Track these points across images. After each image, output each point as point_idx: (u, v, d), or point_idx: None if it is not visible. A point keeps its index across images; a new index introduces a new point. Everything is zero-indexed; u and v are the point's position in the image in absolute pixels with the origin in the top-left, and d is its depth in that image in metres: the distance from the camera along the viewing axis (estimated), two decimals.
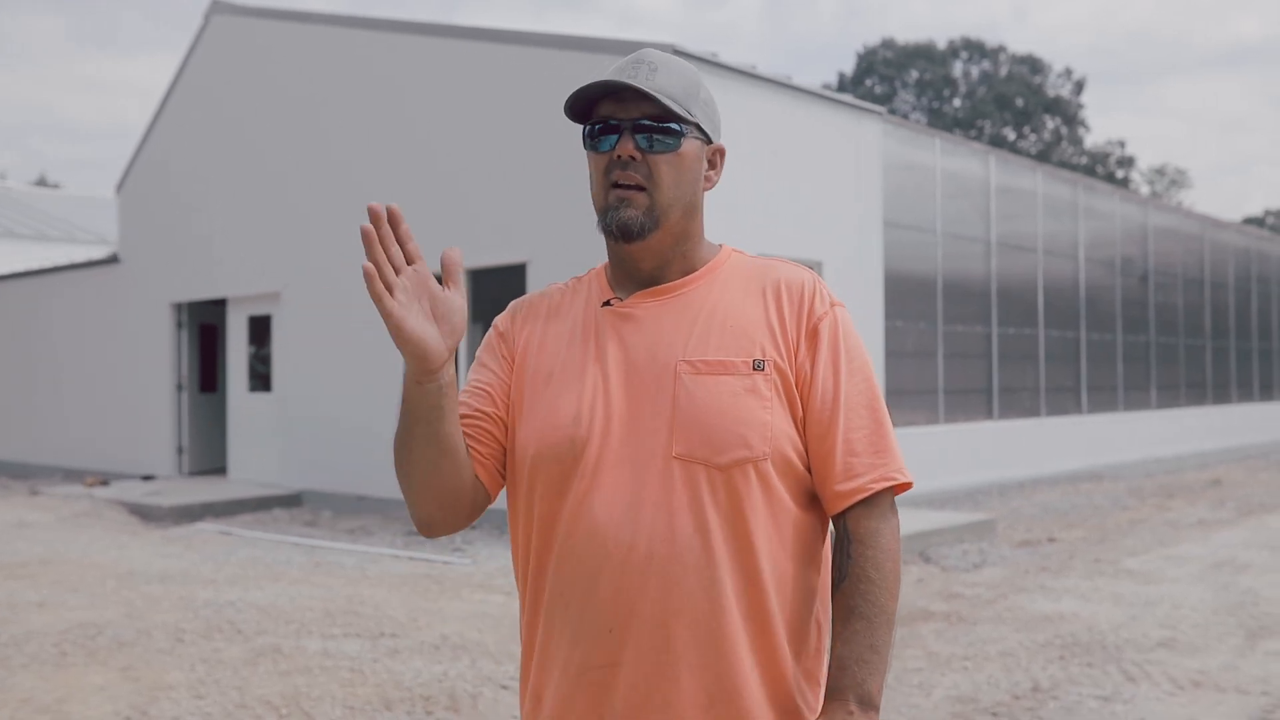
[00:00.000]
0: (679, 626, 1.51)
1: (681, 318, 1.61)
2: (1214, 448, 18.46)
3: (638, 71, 1.59)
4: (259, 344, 13.56)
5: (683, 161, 1.61)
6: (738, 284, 1.65)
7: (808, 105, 11.04)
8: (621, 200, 1.59)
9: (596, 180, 1.63)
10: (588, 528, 1.54)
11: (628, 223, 1.58)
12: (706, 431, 1.53)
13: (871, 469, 1.58)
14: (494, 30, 10.76)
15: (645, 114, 1.59)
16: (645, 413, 1.56)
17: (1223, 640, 5.95)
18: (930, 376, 12.70)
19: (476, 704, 4.90)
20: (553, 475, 1.58)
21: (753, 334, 1.59)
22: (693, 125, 1.62)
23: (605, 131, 1.60)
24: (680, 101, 1.59)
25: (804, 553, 1.59)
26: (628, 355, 1.60)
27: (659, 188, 1.59)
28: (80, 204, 27.78)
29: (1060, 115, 46.96)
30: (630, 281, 1.67)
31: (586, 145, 1.63)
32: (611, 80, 1.58)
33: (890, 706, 4.83)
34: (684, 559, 1.51)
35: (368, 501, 11.47)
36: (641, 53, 1.63)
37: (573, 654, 1.56)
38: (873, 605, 1.53)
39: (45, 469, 16.39)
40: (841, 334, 1.62)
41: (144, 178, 15.27)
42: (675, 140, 1.59)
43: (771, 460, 1.54)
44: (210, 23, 14.27)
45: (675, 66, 1.62)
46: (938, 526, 9.13)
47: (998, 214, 13.89)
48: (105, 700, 4.92)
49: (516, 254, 10.30)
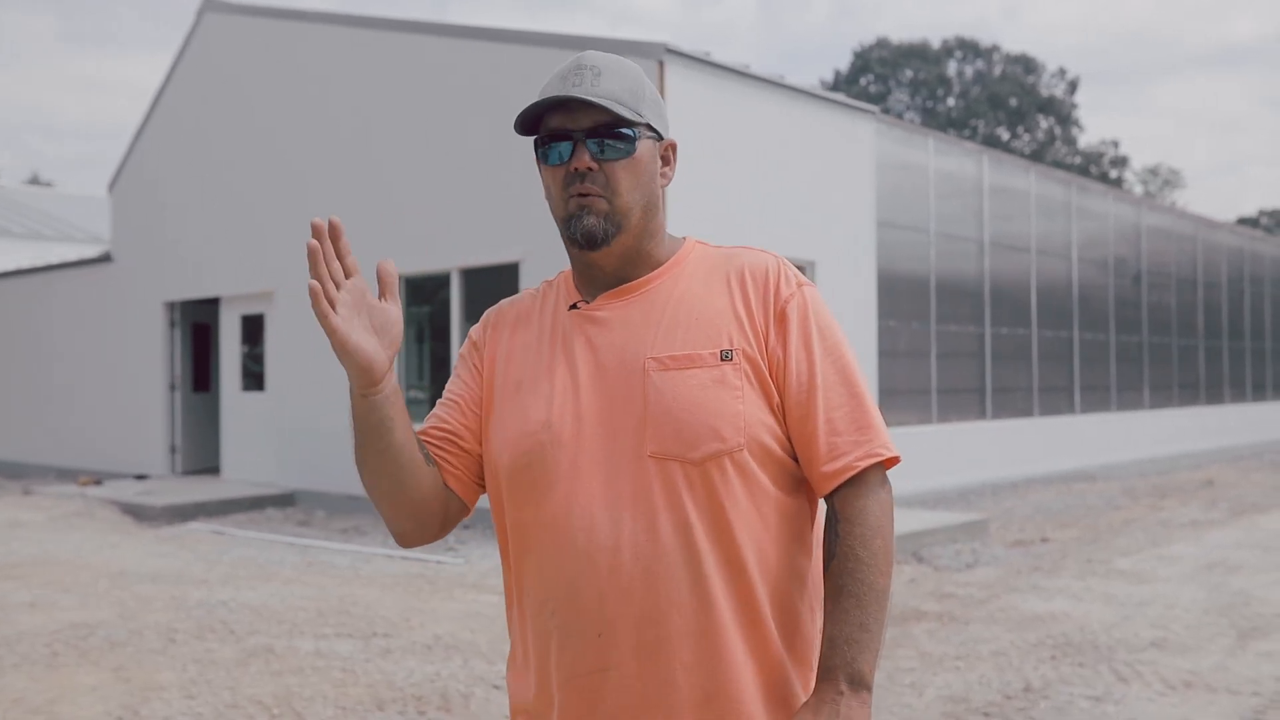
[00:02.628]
0: (668, 626, 1.50)
1: (648, 315, 1.60)
2: (1207, 448, 18.50)
3: (581, 79, 1.57)
4: (252, 343, 13.54)
5: (638, 164, 1.60)
6: (700, 275, 1.64)
7: (801, 105, 11.04)
8: (582, 208, 1.57)
9: (554, 192, 1.61)
10: (567, 533, 1.54)
11: (591, 230, 1.57)
12: (678, 427, 1.52)
13: (856, 446, 1.56)
14: (488, 29, 10.76)
15: (596, 122, 1.56)
16: (617, 413, 1.55)
17: (1214, 640, 5.96)
18: (923, 376, 12.71)
19: (469, 704, 4.90)
20: (527, 482, 1.58)
21: (718, 324, 1.58)
22: (643, 126, 1.60)
23: (556, 140, 1.59)
24: (628, 104, 1.58)
25: (791, 538, 1.59)
26: (596, 357, 1.60)
27: (618, 194, 1.58)
28: (73, 203, 27.72)
29: (1054, 115, 47.05)
30: (595, 284, 1.66)
31: (539, 158, 1.61)
32: (559, 95, 1.56)
33: (882, 706, 4.84)
34: (667, 558, 1.50)
35: (361, 501, 11.45)
36: (582, 57, 1.60)
37: (561, 659, 1.56)
38: (861, 583, 1.52)
39: (38, 468, 16.35)
40: (811, 313, 1.60)
41: (136, 176, 15.24)
42: (629, 145, 1.58)
43: (748, 449, 1.53)
44: (202, 21, 14.24)
45: (618, 67, 1.60)
46: (930, 526, 9.14)
47: (991, 214, 13.91)
48: (97, 701, 4.91)
49: (509, 254, 10.30)
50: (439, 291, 11.30)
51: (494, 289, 10.65)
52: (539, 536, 1.57)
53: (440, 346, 11.41)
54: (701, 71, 9.90)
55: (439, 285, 11.25)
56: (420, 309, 11.63)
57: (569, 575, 1.53)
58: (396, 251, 11.39)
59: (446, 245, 10.93)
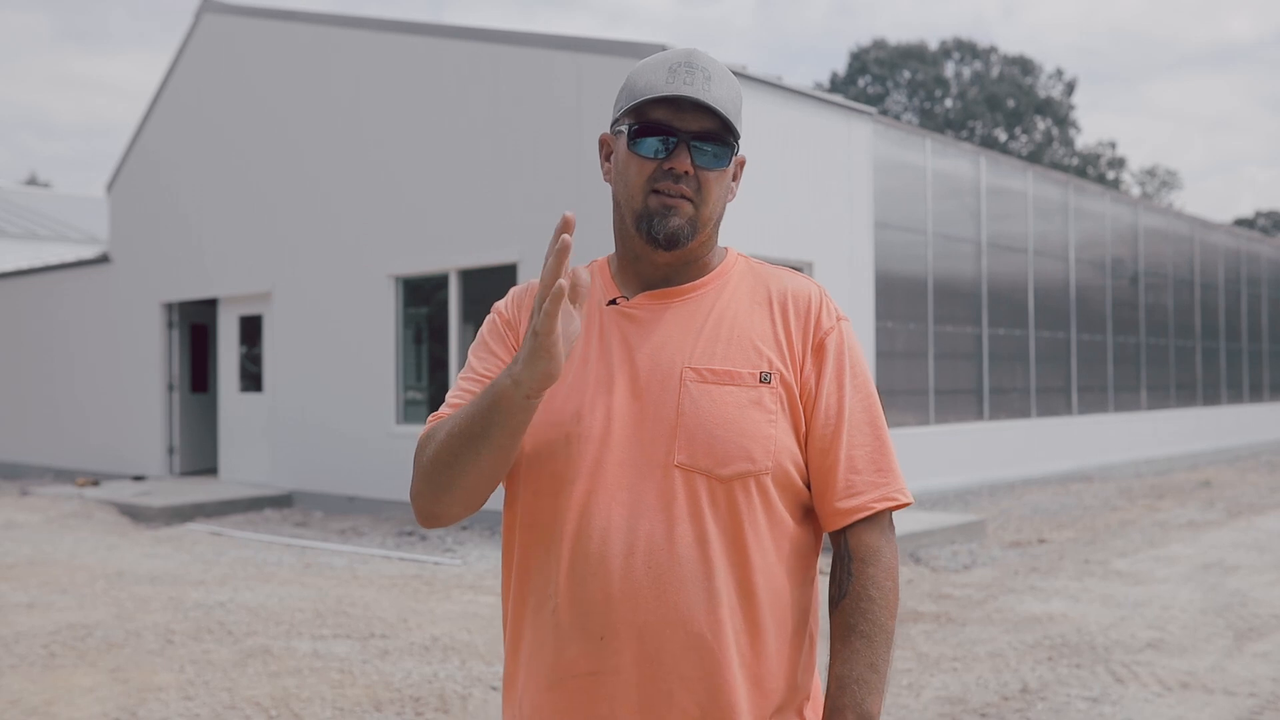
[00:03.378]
0: (672, 637, 1.49)
1: (689, 323, 1.59)
2: (1204, 449, 18.52)
3: (693, 79, 1.53)
4: (250, 344, 13.54)
5: (726, 177, 1.59)
6: (744, 292, 1.63)
7: (798, 105, 11.05)
8: (668, 208, 1.54)
9: (634, 182, 1.56)
10: (584, 532, 1.52)
11: (675, 232, 1.54)
12: (710, 442, 1.51)
13: (873, 487, 1.57)
14: (484, 30, 10.76)
15: (703, 128, 1.54)
16: (648, 417, 1.54)
17: (1211, 641, 5.97)
18: (921, 377, 12.72)
19: (466, 705, 4.90)
20: (549, 473, 1.55)
21: (760, 346, 1.57)
22: (738, 143, 1.59)
23: (657, 134, 1.54)
24: (733, 116, 1.55)
25: (798, 567, 1.58)
26: (632, 357, 1.57)
27: (706, 203, 1.56)
28: (71, 203, 27.68)
29: (1051, 116, 47.09)
30: (639, 281, 1.63)
31: (629, 144, 1.56)
32: (676, 94, 1.51)
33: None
34: (682, 569, 1.49)
35: (358, 502, 11.46)
36: (692, 56, 1.56)
37: (559, 659, 1.54)
38: (873, 624, 1.53)
39: (35, 469, 16.34)
40: (847, 349, 1.61)
41: (135, 177, 15.24)
42: (728, 159, 1.57)
43: (772, 474, 1.53)
44: (200, 22, 14.24)
45: (725, 76, 1.57)
46: (928, 527, 9.15)
47: (988, 215, 13.92)
48: (94, 702, 4.91)
49: (507, 254, 10.30)
50: (437, 292, 11.30)
51: (492, 290, 10.66)
52: (552, 530, 1.55)
53: (438, 347, 11.41)
54: None
55: (437, 286, 11.26)
56: (418, 310, 11.63)
57: (579, 574, 1.52)
58: (394, 252, 11.40)
59: (444, 246, 10.93)
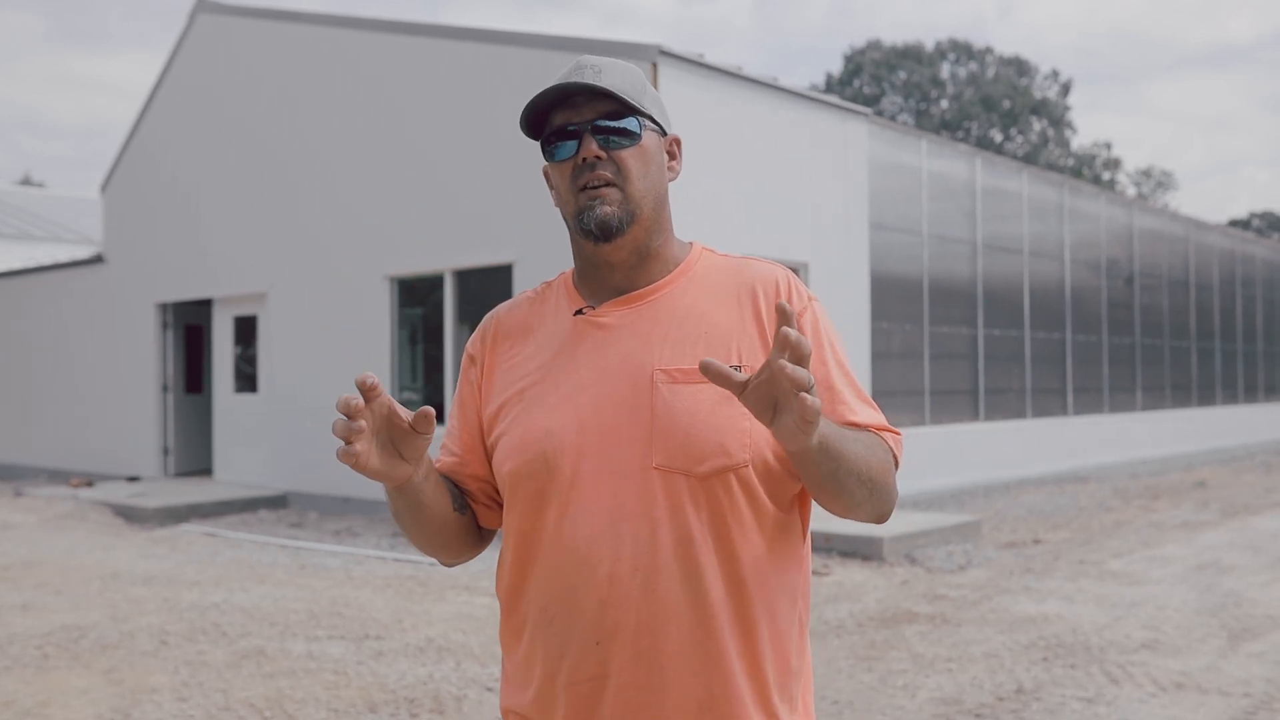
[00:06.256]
0: (666, 637, 1.51)
1: (655, 325, 1.60)
2: (1199, 449, 18.55)
3: (582, 75, 1.58)
4: (245, 344, 13.52)
5: (646, 153, 1.61)
6: (710, 286, 1.64)
7: (793, 106, 11.06)
8: (594, 199, 1.57)
9: (564, 189, 1.61)
10: (569, 542, 1.54)
11: (606, 220, 1.57)
12: (685, 441, 1.51)
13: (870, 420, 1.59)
14: (480, 30, 10.76)
15: (601, 113, 1.58)
16: (622, 423, 1.54)
17: (1205, 642, 5.98)
18: (916, 378, 12.73)
19: (461, 706, 4.90)
20: (530, 491, 1.58)
21: (728, 340, 1.58)
22: (647, 117, 1.61)
23: (562, 138, 1.59)
24: (631, 96, 1.59)
25: (787, 555, 1.59)
26: (602, 365, 1.59)
27: (629, 180, 1.58)
28: (65, 203, 27.63)
29: (1047, 117, 47.17)
30: (602, 287, 1.65)
31: (547, 156, 1.62)
32: (562, 84, 1.58)
33: (874, 708, 4.85)
34: (668, 570, 1.50)
35: (353, 503, 11.44)
36: (581, 59, 1.61)
37: (559, 667, 1.56)
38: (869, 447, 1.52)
39: (30, 470, 16.31)
40: (822, 327, 1.62)
41: (129, 177, 15.21)
42: (635, 134, 1.59)
43: (752, 466, 1.53)
44: (195, 22, 14.22)
45: (618, 67, 1.61)
46: (923, 528, 9.15)
47: (983, 215, 13.93)
48: (88, 703, 4.90)
49: (503, 255, 10.29)
50: (432, 293, 11.29)
51: (488, 290, 10.65)
52: (541, 543, 1.58)
53: (434, 348, 11.40)
54: (695, 73, 9.90)
55: (432, 287, 11.25)
56: (413, 310, 11.62)
57: (570, 583, 1.54)
58: (390, 252, 11.39)
59: (440, 246, 10.92)
